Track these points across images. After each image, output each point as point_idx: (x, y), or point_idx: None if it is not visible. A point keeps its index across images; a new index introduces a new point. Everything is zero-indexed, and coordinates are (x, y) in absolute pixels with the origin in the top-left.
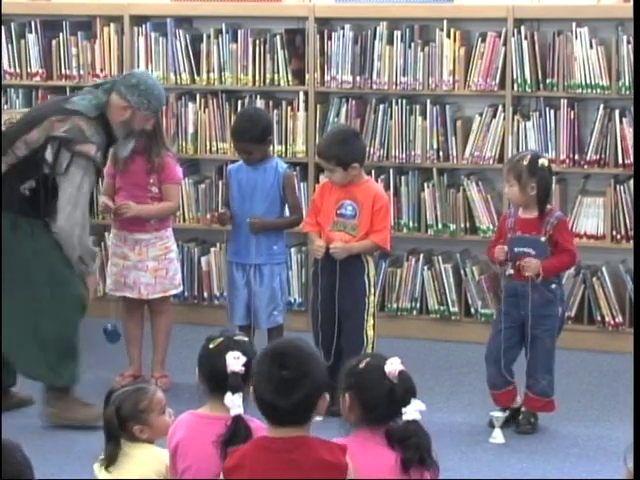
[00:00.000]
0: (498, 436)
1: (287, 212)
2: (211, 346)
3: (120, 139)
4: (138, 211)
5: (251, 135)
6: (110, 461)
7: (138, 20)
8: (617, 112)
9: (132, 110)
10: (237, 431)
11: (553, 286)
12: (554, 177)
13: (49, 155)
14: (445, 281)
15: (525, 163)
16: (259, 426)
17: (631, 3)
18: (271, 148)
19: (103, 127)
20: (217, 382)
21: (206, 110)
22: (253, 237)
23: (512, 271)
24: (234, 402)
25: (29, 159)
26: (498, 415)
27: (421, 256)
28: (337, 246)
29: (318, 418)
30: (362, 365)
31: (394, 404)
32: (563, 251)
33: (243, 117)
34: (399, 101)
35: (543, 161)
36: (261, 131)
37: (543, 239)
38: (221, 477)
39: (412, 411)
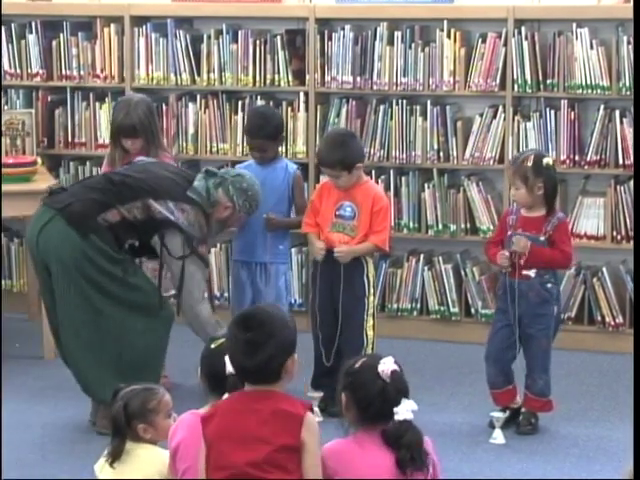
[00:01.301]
0: (498, 437)
1: (293, 212)
2: (213, 346)
3: (213, 234)
4: None
5: (265, 132)
6: (115, 457)
7: (138, 21)
8: (617, 112)
9: (233, 211)
10: None
11: (549, 285)
12: None
13: (170, 242)
14: (445, 281)
15: (530, 164)
16: None
17: (631, 4)
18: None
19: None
20: (217, 382)
21: (206, 110)
22: (260, 235)
23: (510, 268)
24: None
25: (143, 223)
26: (498, 416)
27: (421, 257)
28: (342, 250)
29: (318, 418)
30: (357, 365)
31: (387, 403)
32: (558, 250)
33: (256, 115)
34: (399, 102)
35: (547, 160)
36: (274, 128)
37: (542, 238)
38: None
39: (404, 411)
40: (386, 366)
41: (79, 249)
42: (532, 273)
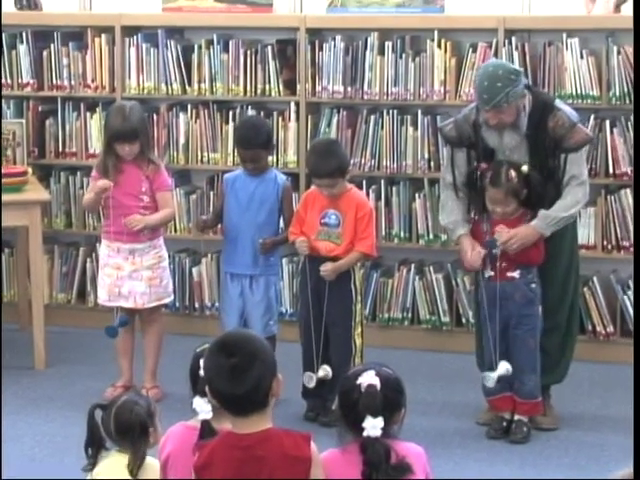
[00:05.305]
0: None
1: (282, 223)
2: (197, 350)
3: None
4: (146, 222)
5: (258, 141)
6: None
7: (129, 31)
8: (608, 122)
9: None
10: (204, 437)
11: (533, 285)
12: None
13: None
14: (436, 291)
15: (516, 180)
16: None
17: (621, 14)
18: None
19: None
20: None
21: (197, 120)
22: (250, 248)
23: (492, 273)
24: (202, 407)
25: None
26: (490, 375)
27: (412, 266)
28: (327, 268)
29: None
30: (351, 371)
31: (358, 417)
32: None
33: (246, 125)
34: (390, 111)
35: (524, 167)
36: (266, 136)
37: None
38: (192, 476)
39: (369, 427)
40: (364, 379)
41: None
42: (516, 274)
